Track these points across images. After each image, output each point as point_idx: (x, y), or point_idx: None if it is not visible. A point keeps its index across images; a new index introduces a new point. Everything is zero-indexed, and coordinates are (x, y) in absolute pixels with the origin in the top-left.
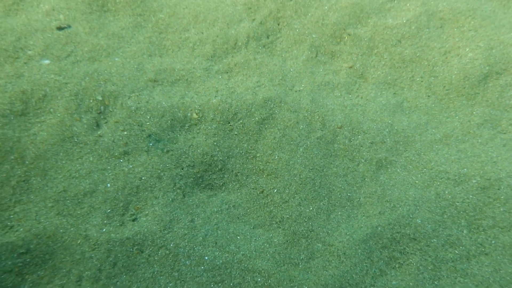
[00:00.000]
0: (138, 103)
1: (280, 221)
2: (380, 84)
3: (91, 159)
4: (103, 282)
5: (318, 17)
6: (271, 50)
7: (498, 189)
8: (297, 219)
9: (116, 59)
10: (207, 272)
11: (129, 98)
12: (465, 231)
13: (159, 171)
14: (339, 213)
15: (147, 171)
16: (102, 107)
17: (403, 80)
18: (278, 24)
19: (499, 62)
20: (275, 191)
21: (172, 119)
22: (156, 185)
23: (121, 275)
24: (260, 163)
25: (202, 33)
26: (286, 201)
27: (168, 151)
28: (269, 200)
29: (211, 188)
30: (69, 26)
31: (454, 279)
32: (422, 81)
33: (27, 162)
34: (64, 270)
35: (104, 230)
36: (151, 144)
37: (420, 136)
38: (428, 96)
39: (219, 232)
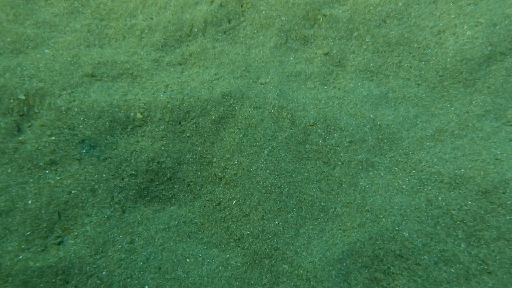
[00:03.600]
0: (70, 102)
1: (239, 239)
2: (361, 73)
3: (9, 170)
4: None
5: None
6: (233, 36)
7: (503, 193)
8: (260, 236)
9: (46, 50)
10: None
11: (59, 97)
12: (463, 245)
13: (93, 183)
14: (311, 227)
15: (79, 184)
16: (25, 108)
17: (388, 67)
18: (241, 6)
19: (504, 40)
20: (234, 202)
21: (111, 121)
22: (89, 200)
23: None
24: (217, 169)
25: (152, 18)
26: (246, 214)
27: (105, 159)
28: (227, 213)
29: (159, 201)
30: None
31: None
32: (411, 67)
33: None
34: None
35: (20, 257)
36: (84, 151)
37: (408, 132)
38: (418, 84)
39: (164, 254)
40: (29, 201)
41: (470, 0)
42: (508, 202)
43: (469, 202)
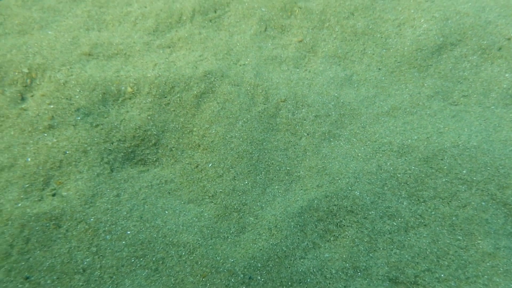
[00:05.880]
0: (68, 76)
1: (212, 196)
2: (330, 58)
3: (12, 133)
4: (14, 258)
5: None
6: (218, 24)
7: (441, 160)
8: (231, 193)
9: (49, 32)
10: (128, 247)
11: (58, 71)
12: (405, 203)
13: (86, 146)
14: (276, 187)
15: (73, 145)
16: (28, 80)
17: (354, 53)
18: None
19: (455, 32)
20: (210, 165)
21: (104, 93)
22: (81, 160)
23: (34, 251)
24: (196, 137)
25: (145, 7)
26: (220, 175)
27: (97, 125)
28: (203, 174)
29: (144, 164)
30: None
31: (390, 251)
32: (373, 54)
33: None
34: None
35: (19, 204)
36: (79, 118)
37: (366, 108)
38: (379, 69)
39: (146, 206)
40: (29, 159)
41: None
42: (444, 167)
43: (413, 167)
